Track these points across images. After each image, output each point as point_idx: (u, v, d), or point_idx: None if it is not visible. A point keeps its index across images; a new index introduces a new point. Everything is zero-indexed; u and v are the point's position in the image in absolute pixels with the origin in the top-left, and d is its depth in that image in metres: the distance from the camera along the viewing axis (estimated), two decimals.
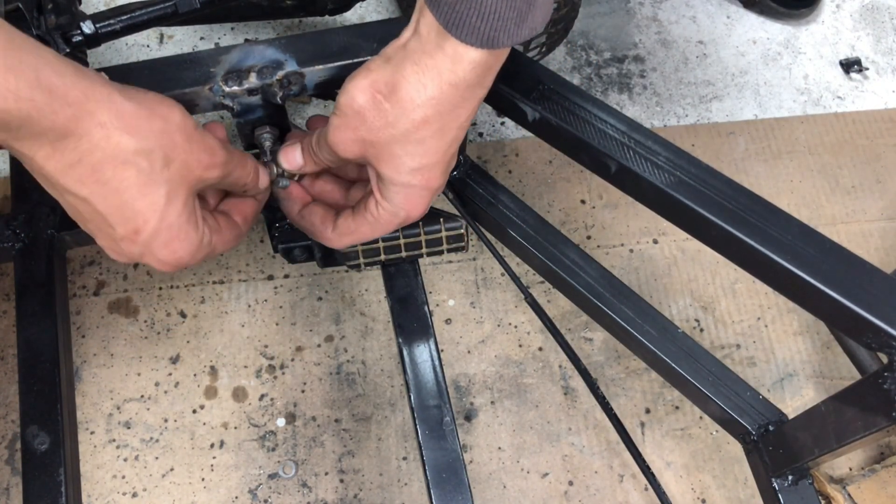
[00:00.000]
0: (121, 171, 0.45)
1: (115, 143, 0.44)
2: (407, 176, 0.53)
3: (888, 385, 0.51)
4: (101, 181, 0.44)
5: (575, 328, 1.00)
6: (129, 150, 0.44)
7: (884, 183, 1.10)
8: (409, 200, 0.55)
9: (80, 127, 0.42)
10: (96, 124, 0.43)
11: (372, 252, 0.69)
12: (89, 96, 0.42)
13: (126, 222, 0.47)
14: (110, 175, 0.44)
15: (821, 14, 1.26)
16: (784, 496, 0.65)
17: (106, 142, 0.43)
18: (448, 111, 0.50)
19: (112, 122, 0.43)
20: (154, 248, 0.48)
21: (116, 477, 0.91)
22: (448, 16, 0.45)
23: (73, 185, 0.44)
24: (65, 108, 0.41)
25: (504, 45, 0.47)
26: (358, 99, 0.51)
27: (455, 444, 0.68)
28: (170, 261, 0.50)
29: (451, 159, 0.54)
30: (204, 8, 0.78)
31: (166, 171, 0.46)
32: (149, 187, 0.46)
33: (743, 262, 0.57)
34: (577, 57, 1.21)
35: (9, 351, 0.96)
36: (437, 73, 0.48)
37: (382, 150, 0.52)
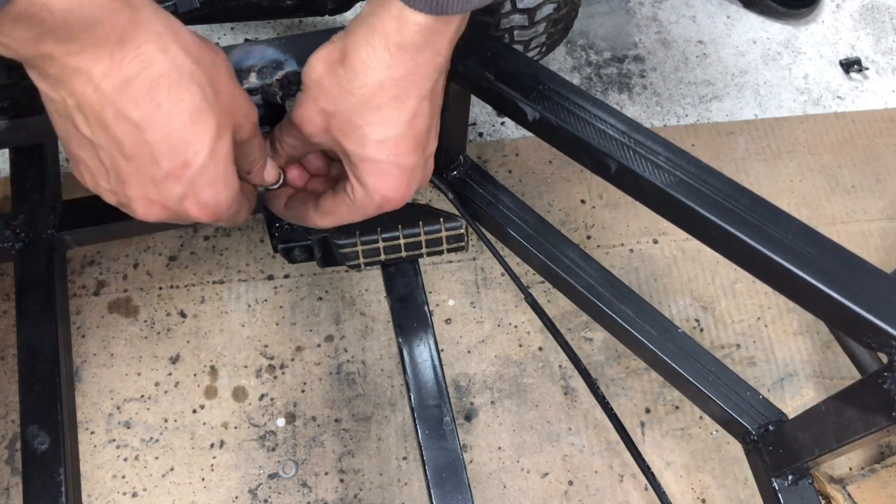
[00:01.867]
0: (175, 91, 0.43)
1: (171, 58, 0.43)
2: (372, 149, 0.51)
3: (888, 385, 0.51)
4: (156, 102, 0.43)
5: (575, 328, 1.00)
6: (184, 68, 0.44)
7: (884, 182, 1.10)
8: (381, 180, 0.52)
9: (141, 31, 0.42)
10: (154, 33, 0.43)
11: (372, 252, 0.69)
12: (145, 3, 0.42)
13: (174, 154, 0.45)
14: (165, 95, 0.43)
15: (821, 14, 1.26)
16: (784, 496, 0.65)
17: (163, 54, 0.43)
18: (402, 76, 0.49)
19: (168, 36, 0.43)
20: (198, 187, 0.46)
21: (116, 477, 0.91)
22: None
23: (126, 106, 0.43)
24: (125, 8, 0.41)
25: (453, 11, 0.46)
26: (316, 69, 0.51)
27: (455, 444, 0.68)
28: (212, 203, 0.48)
29: (419, 135, 0.52)
30: (204, 8, 0.78)
31: (216, 101, 0.45)
32: (201, 115, 0.45)
33: (743, 261, 0.57)
34: (577, 57, 1.21)
35: (9, 351, 0.96)
36: (385, 36, 0.48)
37: (344, 121, 0.51)
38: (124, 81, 0.42)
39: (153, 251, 1.03)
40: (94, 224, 0.78)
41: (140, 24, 0.42)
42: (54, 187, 0.83)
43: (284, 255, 0.73)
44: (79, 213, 0.79)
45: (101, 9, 0.40)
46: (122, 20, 0.41)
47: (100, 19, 0.40)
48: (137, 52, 0.42)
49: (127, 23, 0.41)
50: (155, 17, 0.43)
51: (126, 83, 0.42)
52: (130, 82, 0.42)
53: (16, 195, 0.80)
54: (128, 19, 0.41)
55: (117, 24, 0.41)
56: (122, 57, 0.42)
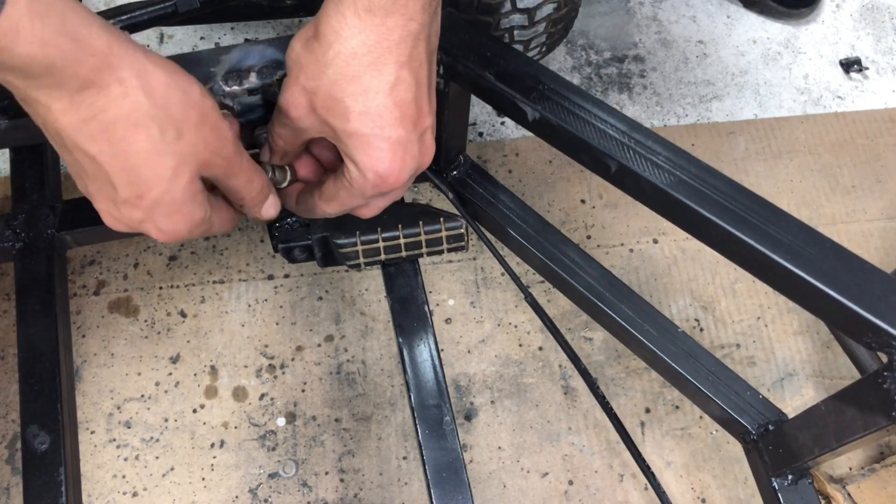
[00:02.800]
0: (132, 132, 0.44)
1: (131, 102, 0.44)
2: (356, 122, 0.50)
3: (888, 385, 0.51)
4: (112, 140, 0.44)
5: (575, 328, 1.00)
6: (143, 112, 0.44)
7: (884, 182, 1.10)
8: (370, 155, 0.51)
9: (101, 79, 0.42)
10: (116, 79, 0.43)
11: (372, 252, 0.69)
12: (113, 50, 0.42)
13: (130, 185, 0.46)
14: (121, 135, 0.44)
15: (821, 14, 1.26)
16: (784, 496, 0.65)
17: (123, 99, 0.43)
18: (375, 42, 0.48)
19: (131, 81, 0.43)
20: (156, 216, 0.48)
21: (117, 476, 0.91)
22: None
23: (84, 141, 0.44)
24: (88, 59, 0.41)
25: None
26: (294, 47, 0.51)
27: (455, 444, 0.68)
28: (168, 231, 0.49)
29: (404, 106, 0.51)
30: (204, 8, 0.78)
31: (176, 143, 0.46)
32: (157, 156, 0.45)
33: (743, 261, 0.57)
34: (577, 57, 1.21)
35: (9, 350, 0.96)
36: (353, 1, 0.47)
37: (325, 97, 0.51)
38: (81, 120, 0.43)
39: (153, 251, 1.03)
40: (94, 224, 0.78)
41: (102, 73, 0.42)
42: (54, 187, 0.83)
43: (285, 255, 0.73)
44: (79, 213, 0.79)
45: (63, 58, 0.40)
46: (83, 70, 0.41)
47: (61, 68, 0.40)
48: (96, 97, 0.43)
49: (88, 71, 0.42)
50: (121, 61, 0.43)
51: (84, 122, 0.43)
52: (87, 122, 0.43)
53: (16, 195, 0.80)
54: (90, 68, 0.42)
55: (79, 73, 0.41)
56: (81, 100, 0.43)
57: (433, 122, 0.54)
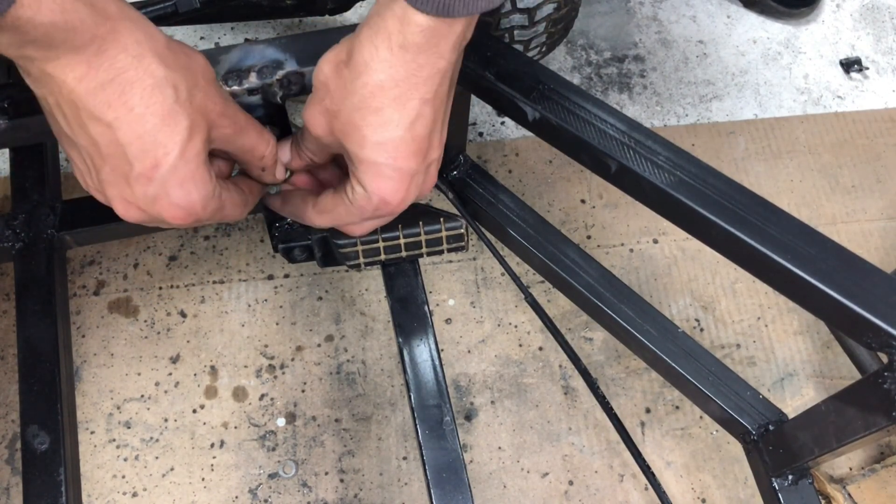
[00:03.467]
0: (148, 94, 0.45)
1: (146, 65, 0.45)
2: (371, 151, 0.51)
3: (888, 385, 0.51)
4: (129, 105, 0.45)
5: (575, 328, 1.00)
6: (158, 74, 0.46)
7: (884, 182, 1.10)
8: (379, 182, 0.53)
9: (118, 42, 0.44)
10: (133, 41, 0.45)
11: (372, 252, 0.69)
12: (126, 13, 0.44)
13: (145, 154, 0.47)
14: (138, 99, 0.45)
15: (821, 14, 1.26)
16: (784, 496, 0.65)
17: (139, 62, 0.45)
18: (403, 78, 0.49)
19: (146, 43, 0.45)
20: (169, 187, 0.48)
21: (116, 477, 0.91)
22: None
23: (100, 108, 0.45)
24: (105, 22, 0.43)
25: (459, 14, 0.46)
26: (324, 70, 0.52)
27: (455, 444, 0.68)
28: (183, 203, 0.49)
29: (420, 140, 0.52)
30: (204, 8, 0.78)
31: (189, 103, 0.47)
32: (172, 117, 0.46)
33: (743, 261, 0.57)
34: (577, 57, 1.21)
35: (9, 350, 0.96)
36: (388, 35, 0.48)
37: (346, 121, 0.51)
38: (99, 85, 0.44)
39: (153, 251, 1.03)
40: (94, 224, 0.78)
41: (118, 35, 0.44)
42: (54, 187, 0.83)
43: (284, 255, 0.73)
44: (79, 213, 0.79)
45: (81, 22, 0.42)
46: (101, 32, 0.43)
47: (80, 31, 0.42)
48: (114, 59, 0.44)
49: (106, 34, 0.43)
50: (134, 26, 0.45)
51: (100, 87, 0.44)
52: (104, 86, 0.44)
53: (16, 195, 0.80)
54: (107, 31, 0.43)
55: (96, 36, 0.43)
56: (99, 64, 0.44)
57: (441, 155, 0.56)
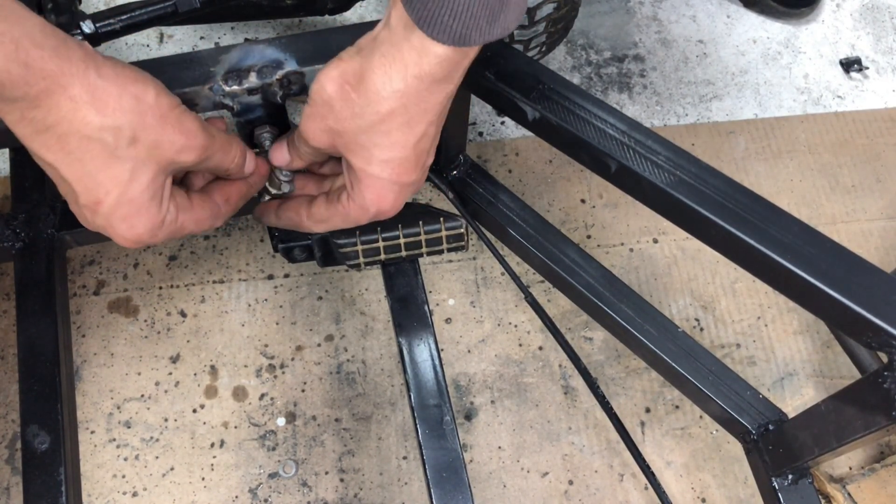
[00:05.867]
0: (85, 144, 0.46)
1: (81, 117, 0.45)
2: (377, 167, 0.53)
3: (888, 384, 0.51)
4: (66, 151, 0.46)
5: (575, 327, 1.00)
6: (94, 126, 0.45)
7: (884, 182, 1.10)
8: (379, 194, 0.55)
9: (51, 99, 0.44)
10: (67, 98, 0.44)
11: (372, 251, 0.69)
12: (64, 70, 0.43)
13: (88, 192, 0.48)
14: (75, 146, 0.46)
15: (821, 13, 1.26)
16: (784, 495, 0.65)
17: (73, 115, 0.45)
18: (414, 104, 0.50)
19: (82, 97, 0.44)
20: (113, 222, 0.49)
21: (116, 476, 0.91)
22: (420, 12, 0.45)
23: (40, 150, 0.46)
24: (39, 81, 0.42)
25: (475, 43, 0.47)
26: (327, 88, 0.52)
27: (455, 444, 0.68)
28: (128, 236, 0.50)
29: (422, 155, 0.54)
30: (204, 7, 0.78)
31: (132, 148, 0.47)
32: (112, 162, 0.47)
33: (743, 261, 0.57)
34: (577, 56, 1.21)
35: (9, 350, 0.96)
36: (404, 66, 0.48)
37: (351, 140, 0.52)
38: (35, 132, 0.45)
39: (153, 250, 1.03)
40: None
41: (52, 94, 0.43)
42: (54, 187, 0.83)
43: (284, 255, 0.73)
44: None
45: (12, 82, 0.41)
46: (33, 91, 0.43)
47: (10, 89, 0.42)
48: (47, 113, 0.44)
49: (39, 92, 0.43)
50: (72, 80, 0.44)
51: (37, 133, 0.45)
52: (41, 133, 0.45)
53: (15, 195, 0.80)
54: (40, 90, 0.43)
55: (29, 93, 0.43)
56: (33, 116, 0.44)
57: (433, 159, 0.57)
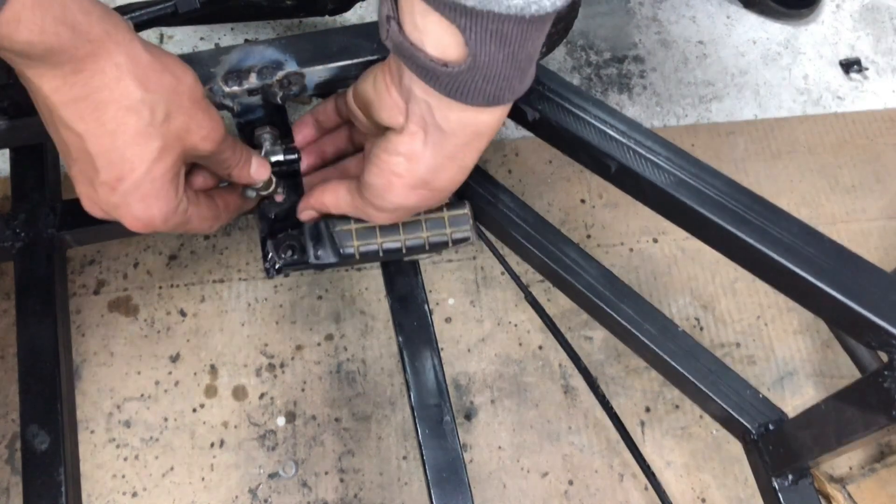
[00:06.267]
0: (122, 114, 0.45)
1: (123, 87, 0.45)
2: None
3: (888, 384, 0.51)
4: (101, 121, 0.45)
5: (575, 327, 1.00)
6: (135, 97, 0.45)
7: (884, 182, 1.11)
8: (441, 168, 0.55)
9: (97, 64, 0.44)
10: (112, 64, 0.44)
11: (367, 232, 0.65)
12: (111, 36, 0.44)
13: (111, 167, 0.47)
14: (111, 116, 0.45)
15: (821, 14, 1.26)
16: (784, 495, 0.65)
17: (116, 83, 0.45)
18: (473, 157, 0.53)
19: (126, 66, 0.45)
20: (131, 201, 0.49)
21: (116, 476, 0.91)
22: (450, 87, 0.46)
23: (72, 118, 0.45)
24: (85, 45, 0.42)
25: (507, 100, 0.47)
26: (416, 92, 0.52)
27: (455, 444, 0.68)
28: (142, 217, 0.50)
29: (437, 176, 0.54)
30: (204, 8, 0.78)
31: (165, 125, 0.47)
32: (144, 137, 0.46)
33: (743, 261, 0.57)
34: (577, 57, 1.21)
35: (9, 350, 0.96)
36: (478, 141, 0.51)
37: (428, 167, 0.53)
38: (72, 99, 0.44)
39: (153, 250, 1.03)
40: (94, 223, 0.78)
41: (97, 58, 0.43)
42: (54, 187, 0.83)
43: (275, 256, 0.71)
44: (79, 213, 0.78)
45: (59, 45, 0.41)
46: (79, 54, 0.43)
47: (58, 53, 0.42)
48: (89, 79, 0.44)
49: (84, 56, 0.43)
50: (117, 48, 0.44)
51: (74, 101, 0.44)
52: (78, 101, 0.44)
53: (16, 195, 0.80)
54: (86, 53, 0.43)
55: (75, 57, 0.43)
56: (74, 81, 0.44)
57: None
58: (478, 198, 0.80)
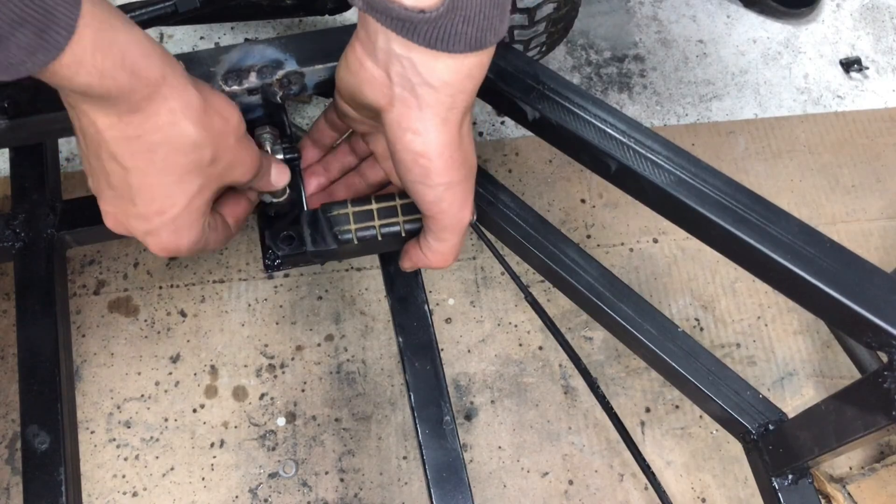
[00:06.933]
0: (173, 155, 0.46)
1: (178, 130, 0.46)
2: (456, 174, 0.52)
3: (888, 384, 0.51)
4: (151, 160, 0.46)
5: (575, 327, 1.00)
6: (188, 140, 0.46)
7: (884, 182, 1.10)
8: (464, 198, 0.54)
9: (152, 107, 0.44)
10: (167, 109, 0.45)
11: (365, 215, 0.64)
12: (168, 81, 0.44)
13: (152, 201, 0.48)
14: (162, 156, 0.46)
15: (821, 13, 1.26)
16: (784, 495, 0.65)
17: (170, 127, 0.45)
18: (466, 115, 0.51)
19: (181, 110, 0.45)
20: (163, 231, 0.50)
21: (117, 476, 0.91)
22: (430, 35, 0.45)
23: (123, 154, 0.46)
24: (143, 89, 0.43)
25: (491, 42, 0.46)
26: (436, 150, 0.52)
27: (455, 444, 0.68)
28: (170, 246, 0.51)
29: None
30: (204, 7, 0.78)
31: (210, 167, 0.48)
32: (190, 176, 0.48)
33: (743, 261, 0.57)
34: (577, 56, 1.21)
35: (9, 350, 0.96)
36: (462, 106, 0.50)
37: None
38: (127, 137, 0.45)
39: None
40: (94, 224, 0.78)
41: (154, 102, 0.44)
42: (54, 187, 0.83)
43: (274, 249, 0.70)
44: (79, 213, 0.78)
45: (119, 88, 0.42)
46: (137, 97, 0.43)
47: (114, 95, 0.42)
48: (144, 120, 0.45)
49: (141, 99, 0.43)
50: (172, 93, 0.45)
51: (128, 139, 0.45)
52: (131, 139, 0.45)
53: (16, 195, 0.80)
54: (143, 97, 0.43)
55: (132, 99, 0.43)
56: (130, 121, 0.44)
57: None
58: (478, 198, 0.80)
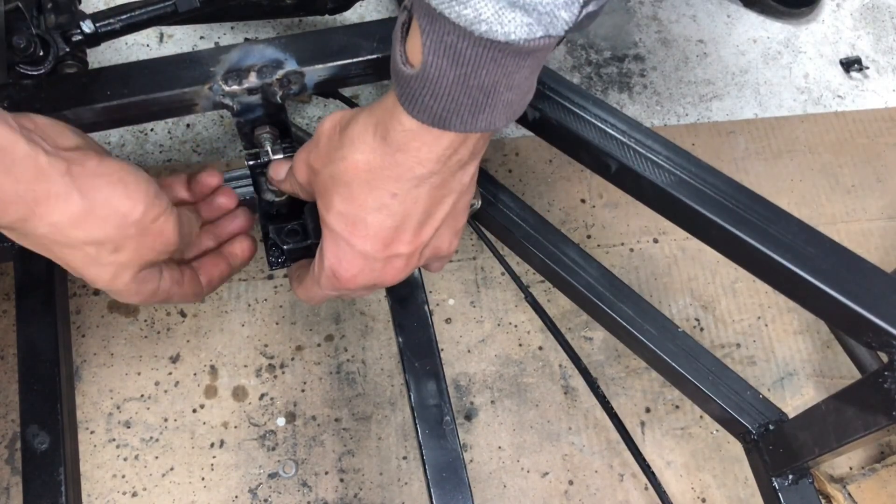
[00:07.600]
0: (68, 252, 0.49)
1: (64, 235, 0.48)
2: (334, 218, 0.52)
3: (888, 384, 0.51)
4: (53, 253, 0.50)
5: (575, 327, 1.00)
6: (77, 241, 0.48)
7: (884, 182, 1.10)
8: (333, 252, 0.53)
9: (29, 225, 0.46)
10: (47, 224, 0.47)
11: None
12: (46, 197, 0.46)
13: (79, 276, 0.52)
14: (59, 252, 0.49)
15: (821, 13, 1.26)
16: (784, 495, 0.65)
17: (55, 234, 0.47)
18: (378, 167, 0.49)
19: (63, 222, 0.47)
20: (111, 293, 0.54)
21: (116, 476, 0.91)
22: (403, 90, 0.45)
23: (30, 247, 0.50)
24: (16, 210, 0.45)
25: (456, 129, 0.45)
26: (325, 125, 0.53)
27: (455, 444, 0.68)
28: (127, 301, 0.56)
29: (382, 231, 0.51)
30: (204, 7, 0.78)
31: (113, 255, 0.50)
32: (95, 267, 0.50)
33: (743, 261, 0.57)
34: (577, 56, 1.21)
35: (9, 350, 0.96)
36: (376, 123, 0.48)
37: (322, 182, 0.52)
38: (20, 236, 0.49)
39: None
40: None
41: (28, 221, 0.47)
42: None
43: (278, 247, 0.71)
44: None
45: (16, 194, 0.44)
46: (9, 218, 0.46)
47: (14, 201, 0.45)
48: (34, 228, 0.47)
49: (14, 220, 0.47)
50: (53, 209, 0.47)
51: (21, 238, 0.49)
52: (23, 240, 0.49)
53: None
54: (17, 218, 0.46)
55: (4, 221, 0.46)
56: (17, 228, 0.47)
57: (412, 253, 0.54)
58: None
